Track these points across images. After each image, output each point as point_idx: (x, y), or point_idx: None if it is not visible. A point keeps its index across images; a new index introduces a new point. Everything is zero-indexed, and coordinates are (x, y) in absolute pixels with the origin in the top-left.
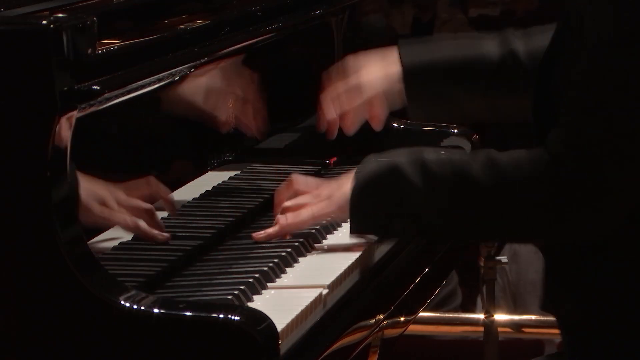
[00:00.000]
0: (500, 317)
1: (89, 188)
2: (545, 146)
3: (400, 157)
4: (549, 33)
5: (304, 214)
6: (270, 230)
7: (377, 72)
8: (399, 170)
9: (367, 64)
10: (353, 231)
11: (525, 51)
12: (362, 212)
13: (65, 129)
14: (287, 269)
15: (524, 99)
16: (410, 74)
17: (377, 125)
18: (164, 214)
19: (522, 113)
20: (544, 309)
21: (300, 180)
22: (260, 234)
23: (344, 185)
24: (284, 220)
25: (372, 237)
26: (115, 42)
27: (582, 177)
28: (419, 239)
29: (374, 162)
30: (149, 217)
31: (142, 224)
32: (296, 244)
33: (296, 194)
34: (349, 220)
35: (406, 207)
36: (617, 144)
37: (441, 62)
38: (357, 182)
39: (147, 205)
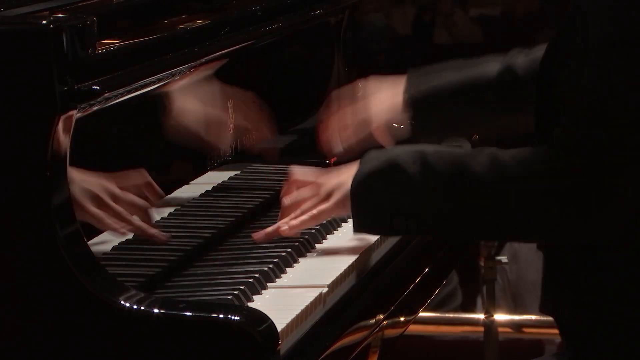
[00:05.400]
0: (500, 317)
1: (83, 187)
2: (548, 144)
3: (400, 152)
4: None
5: (305, 217)
6: (269, 230)
7: (384, 102)
8: (398, 165)
9: (377, 91)
10: (356, 230)
11: (523, 65)
12: (363, 210)
13: (65, 129)
14: (287, 269)
15: (529, 113)
16: (413, 105)
17: None
18: (164, 213)
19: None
20: (543, 310)
21: (298, 172)
22: (259, 234)
23: (345, 181)
24: (285, 226)
25: (374, 236)
26: (115, 42)
27: (584, 176)
28: (421, 236)
29: (374, 159)
30: (144, 214)
31: (137, 220)
32: (296, 244)
33: (297, 188)
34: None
35: (406, 204)
36: (620, 146)
37: (444, 87)
38: (357, 180)
39: (143, 202)
